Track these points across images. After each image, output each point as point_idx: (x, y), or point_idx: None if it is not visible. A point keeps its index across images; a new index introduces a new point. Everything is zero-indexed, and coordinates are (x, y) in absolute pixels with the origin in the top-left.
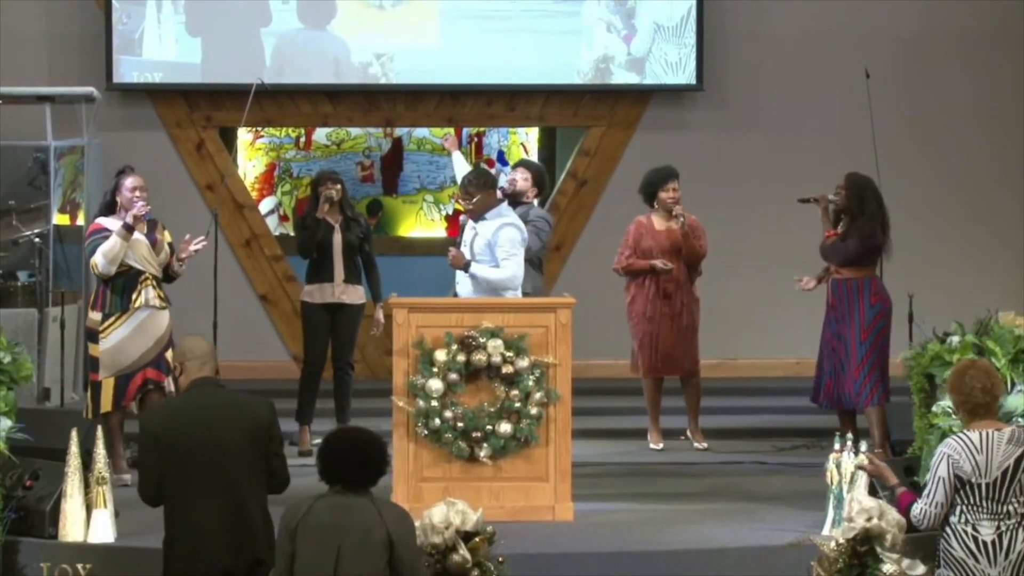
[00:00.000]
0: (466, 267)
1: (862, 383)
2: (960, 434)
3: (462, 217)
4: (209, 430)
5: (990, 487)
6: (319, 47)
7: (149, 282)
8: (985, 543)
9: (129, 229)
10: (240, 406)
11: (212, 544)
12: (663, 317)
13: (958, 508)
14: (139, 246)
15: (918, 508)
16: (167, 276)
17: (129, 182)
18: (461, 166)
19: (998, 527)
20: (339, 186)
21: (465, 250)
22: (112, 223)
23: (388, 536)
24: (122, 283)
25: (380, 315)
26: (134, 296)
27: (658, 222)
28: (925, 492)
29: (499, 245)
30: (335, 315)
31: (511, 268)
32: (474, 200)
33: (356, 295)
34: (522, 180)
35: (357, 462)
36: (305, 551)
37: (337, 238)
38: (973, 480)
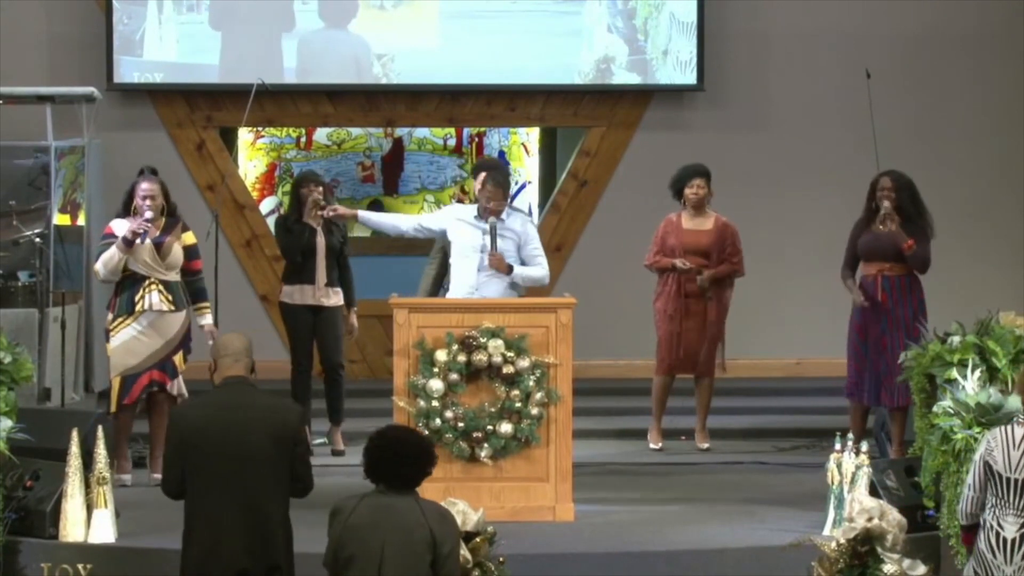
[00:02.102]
0: (509, 270)
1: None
2: (1008, 425)
3: (487, 221)
4: (234, 430)
5: (1018, 484)
6: (320, 47)
7: (154, 286)
8: (1006, 540)
9: (128, 243)
10: (268, 408)
11: (229, 544)
12: (685, 316)
13: (990, 501)
14: (141, 251)
15: (961, 493)
16: (189, 282)
17: (143, 187)
18: (388, 219)
19: (1021, 526)
20: (321, 188)
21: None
22: (123, 226)
23: (431, 536)
24: (128, 286)
25: (354, 319)
26: (136, 299)
27: (686, 220)
28: (967, 478)
29: (530, 243)
30: (316, 316)
31: (546, 263)
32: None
33: (337, 297)
34: None
35: (401, 462)
36: (349, 551)
37: (321, 241)
38: (1003, 473)
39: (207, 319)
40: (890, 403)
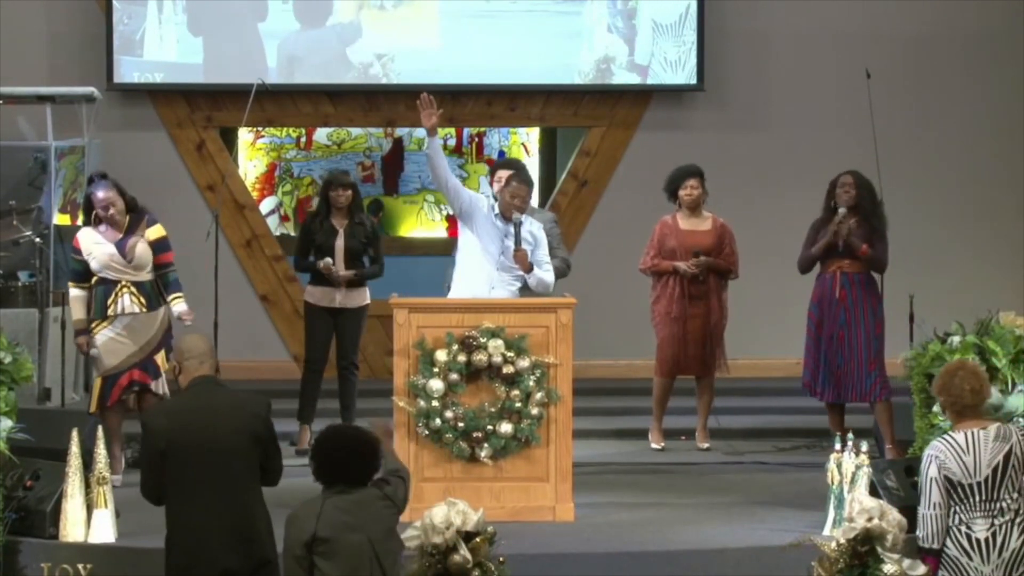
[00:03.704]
0: (530, 269)
1: (876, 377)
2: (946, 436)
3: (513, 219)
4: (210, 429)
5: (981, 486)
6: (320, 47)
7: (125, 289)
8: (979, 541)
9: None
10: (239, 405)
11: (212, 544)
12: (689, 318)
13: (952, 509)
14: (102, 256)
15: (918, 518)
16: (160, 275)
17: (99, 197)
18: (443, 161)
19: (991, 524)
20: (349, 191)
21: (511, 251)
22: (89, 239)
23: (396, 508)
24: (102, 291)
25: (344, 272)
26: (109, 303)
27: (683, 222)
28: (921, 501)
29: (541, 248)
30: (336, 317)
31: (552, 271)
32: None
33: (359, 298)
34: None
35: (356, 461)
36: (337, 554)
37: (339, 243)
38: (964, 481)
39: (181, 306)
40: (854, 398)
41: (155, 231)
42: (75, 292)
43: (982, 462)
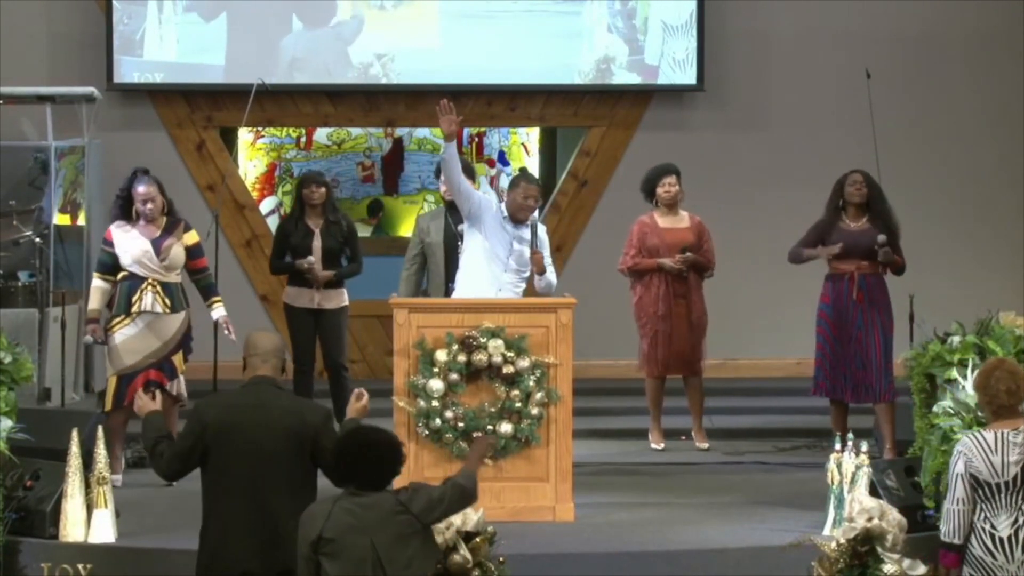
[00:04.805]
0: (544, 270)
1: (890, 378)
2: (976, 433)
3: (528, 221)
4: (254, 429)
5: (1009, 484)
6: (320, 47)
7: (151, 288)
8: (1001, 539)
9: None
10: (289, 409)
11: (236, 544)
12: (675, 316)
13: (978, 507)
14: (135, 251)
15: (943, 513)
16: (196, 280)
17: (140, 191)
18: (457, 164)
19: (1015, 521)
20: (322, 189)
21: (519, 254)
22: (124, 233)
23: (412, 516)
24: (127, 286)
25: (321, 272)
26: (133, 300)
27: (662, 220)
28: (947, 496)
29: (545, 248)
30: (317, 319)
31: (554, 272)
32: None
33: (337, 299)
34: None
35: (369, 463)
36: (340, 555)
37: (316, 244)
38: (991, 480)
39: (219, 311)
40: (868, 399)
41: (192, 236)
42: (97, 282)
43: (1010, 461)
